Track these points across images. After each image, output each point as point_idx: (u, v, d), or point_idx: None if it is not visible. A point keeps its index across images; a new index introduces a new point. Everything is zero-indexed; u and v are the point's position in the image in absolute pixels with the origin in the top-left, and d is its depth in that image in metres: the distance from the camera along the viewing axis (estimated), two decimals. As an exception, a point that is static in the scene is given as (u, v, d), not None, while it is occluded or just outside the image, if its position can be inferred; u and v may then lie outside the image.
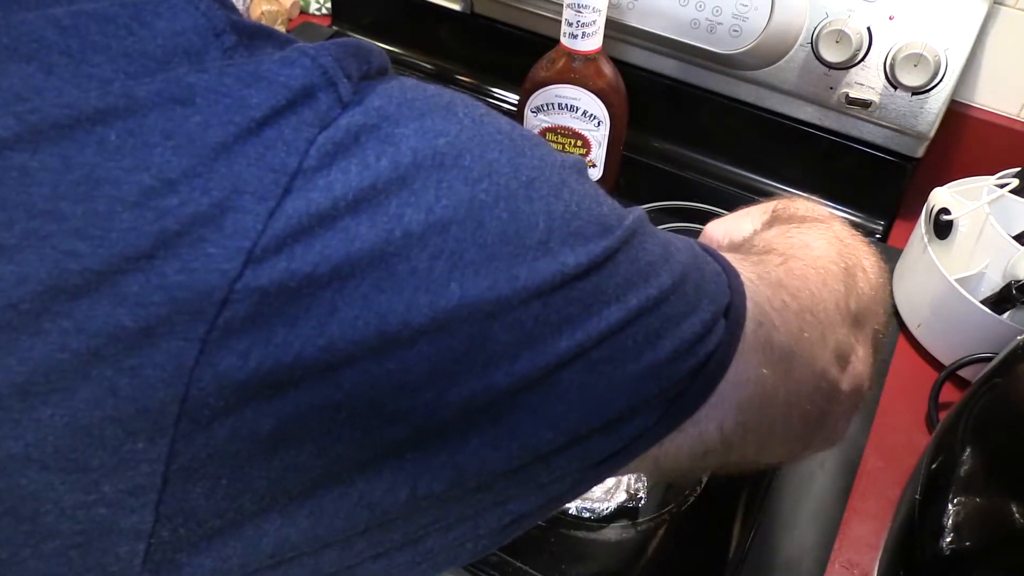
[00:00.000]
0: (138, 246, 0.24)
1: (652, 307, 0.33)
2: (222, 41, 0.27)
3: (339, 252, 0.26)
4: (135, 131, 0.25)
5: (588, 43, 0.79)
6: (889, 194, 0.92)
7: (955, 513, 0.55)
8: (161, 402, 0.25)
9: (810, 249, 0.46)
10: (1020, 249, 0.71)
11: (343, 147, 0.27)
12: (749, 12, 0.85)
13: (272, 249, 0.25)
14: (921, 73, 0.80)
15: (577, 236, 0.31)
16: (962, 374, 0.72)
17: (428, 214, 0.27)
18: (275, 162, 0.26)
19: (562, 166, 0.33)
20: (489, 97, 1.07)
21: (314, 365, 0.26)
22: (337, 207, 0.26)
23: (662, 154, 1.00)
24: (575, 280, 0.30)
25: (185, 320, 0.25)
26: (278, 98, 0.26)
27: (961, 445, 0.56)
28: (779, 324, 0.39)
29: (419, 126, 0.29)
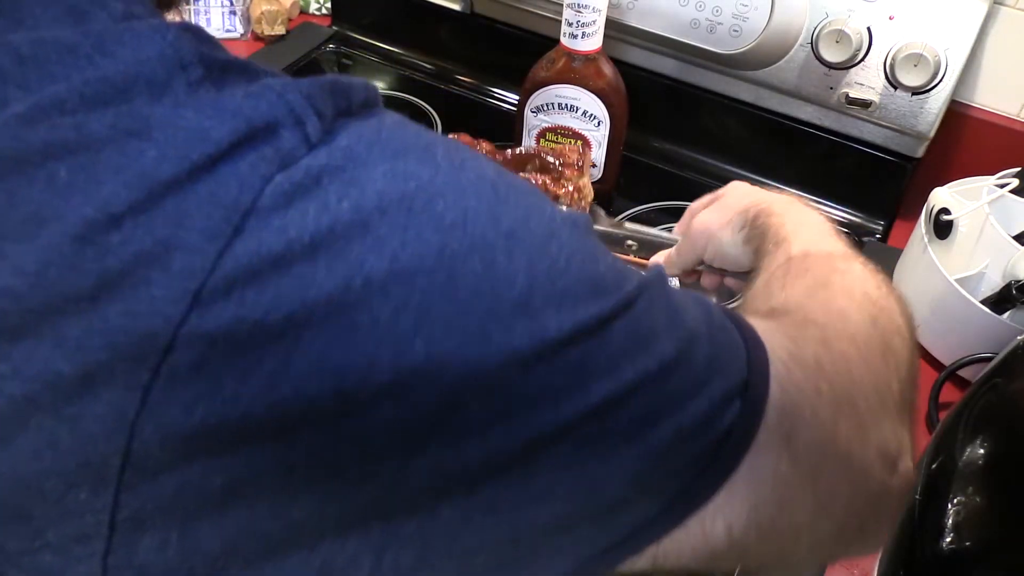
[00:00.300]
0: (79, 286, 0.23)
1: (651, 382, 0.29)
2: (188, 74, 0.26)
3: (293, 299, 0.24)
4: (86, 166, 0.24)
5: (588, 43, 0.79)
6: (889, 194, 0.92)
7: (955, 513, 0.55)
8: (103, 454, 0.24)
9: (847, 318, 0.41)
10: (1020, 249, 0.71)
11: (303, 188, 0.25)
12: (749, 12, 0.85)
13: (220, 292, 0.24)
14: (921, 73, 0.80)
15: (564, 297, 0.28)
16: (962, 374, 0.72)
17: (392, 262, 0.25)
18: (227, 199, 0.24)
19: (552, 219, 0.30)
20: (489, 97, 1.08)
21: (265, 422, 0.24)
22: (292, 250, 0.24)
23: (662, 154, 1.00)
24: (559, 347, 0.27)
25: (127, 367, 0.23)
26: (237, 133, 0.25)
27: (961, 445, 0.56)
28: (809, 415, 0.35)
29: (389, 168, 0.26)
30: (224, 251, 0.24)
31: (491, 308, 0.26)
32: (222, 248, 0.24)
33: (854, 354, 0.39)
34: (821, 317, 0.41)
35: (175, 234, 0.24)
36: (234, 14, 1.10)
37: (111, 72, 0.25)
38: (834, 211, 0.94)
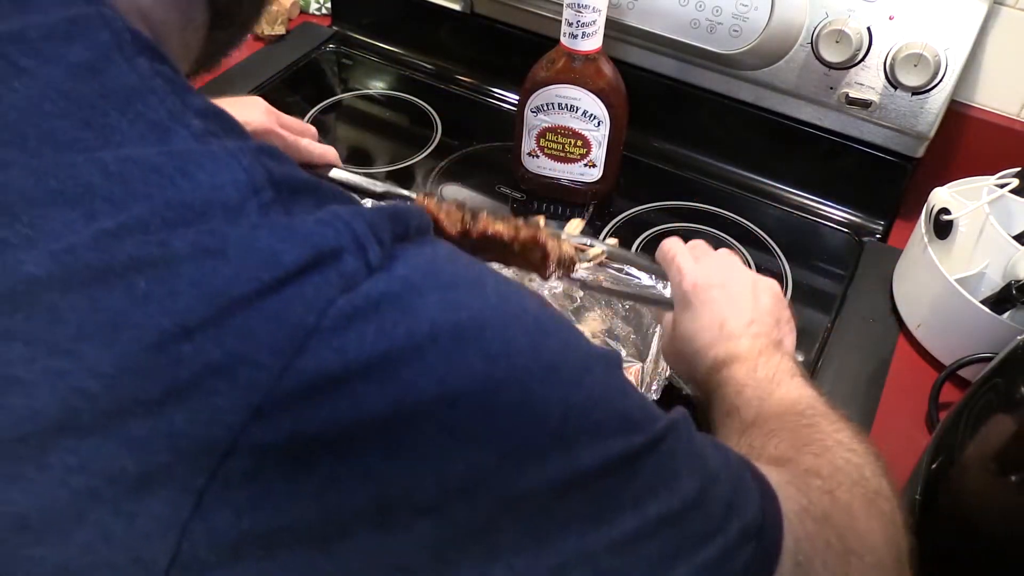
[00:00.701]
0: (150, 391, 0.24)
1: (674, 520, 0.31)
2: (260, 197, 0.27)
3: (347, 417, 0.26)
4: (165, 279, 0.25)
5: (588, 43, 0.79)
6: (889, 194, 0.92)
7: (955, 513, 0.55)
8: (153, 552, 0.25)
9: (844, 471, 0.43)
10: (1020, 249, 0.71)
11: (362, 312, 0.26)
12: (749, 12, 0.85)
13: (280, 406, 0.25)
14: (921, 73, 0.80)
15: (597, 430, 0.30)
16: (962, 374, 0.72)
17: (440, 386, 0.27)
18: (293, 319, 0.26)
19: (587, 354, 0.32)
20: (489, 97, 1.08)
21: (310, 531, 0.26)
22: (349, 370, 0.26)
23: (662, 154, 1.00)
24: (590, 478, 0.29)
25: (185, 470, 0.25)
26: (306, 258, 0.26)
27: (961, 445, 0.56)
28: (820, 567, 0.36)
29: (442, 297, 0.28)
30: (287, 368, 0.25)
31: (528, 437, 0.28)
32: (285, 365, 0.25)
33: (858, 508, 0.41)
34: (823, 469, 0.43)
35: (242, 348, 0.25)
36: (234, 14, 1.10)
37: (190, 196, 0.26)
38: (834, 211, 0.94)
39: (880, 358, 0.78)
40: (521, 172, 0.92)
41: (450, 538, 0.27)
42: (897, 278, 0.84)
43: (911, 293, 0.81)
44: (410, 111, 1.04)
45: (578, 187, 0.91)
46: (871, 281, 0.86)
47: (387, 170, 0.95)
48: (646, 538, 0.30)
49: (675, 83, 0.96)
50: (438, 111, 1.03)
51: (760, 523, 0.34)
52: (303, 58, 1.10)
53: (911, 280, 0.81)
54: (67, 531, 0.24)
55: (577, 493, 0.29)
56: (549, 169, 0.90)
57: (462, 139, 0.99)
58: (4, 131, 0.26)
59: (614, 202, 0.93)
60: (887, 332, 0.80)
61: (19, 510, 0.24)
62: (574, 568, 0.29)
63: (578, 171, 0.89)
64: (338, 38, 1.14)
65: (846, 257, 0.89)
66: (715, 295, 0.60)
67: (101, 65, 0.28)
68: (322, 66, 1.11)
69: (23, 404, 0.24)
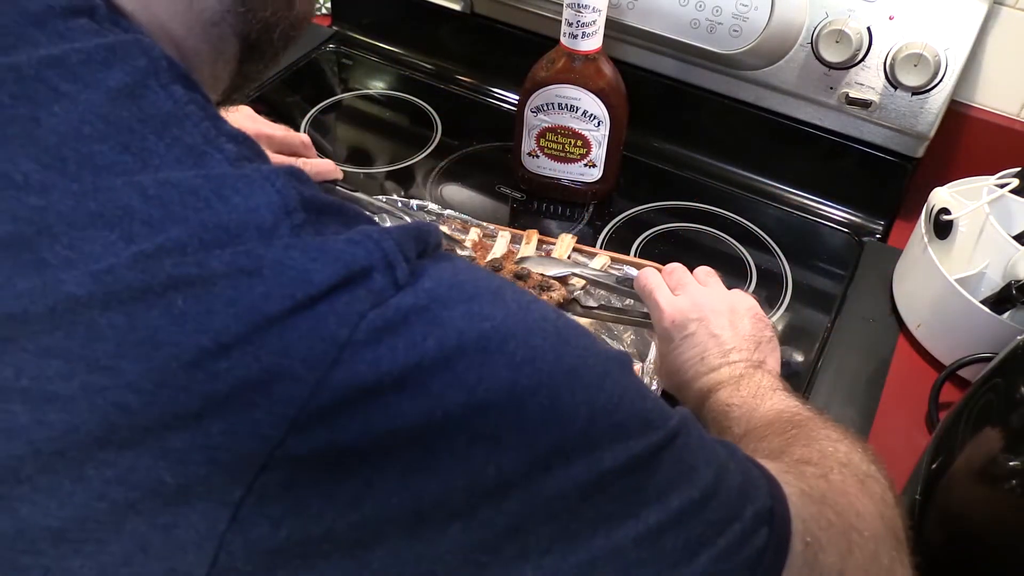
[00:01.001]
0: (188, 406, 0.25)
1: (695, 509, 0.32)
2: (292, 219, 0.28)
3: (381, 427, 0.26)
4: (202, 298, 0.26)
5: (588, 43, 0.79)
6: (889, 194, 0.92)
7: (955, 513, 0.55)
8: (190, 564, 0.25)
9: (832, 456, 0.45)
10: (1020, 249, 0.71)
11: (393, 325, 0.27)
12: (749, 12, 0.85)
13: (316, 418, 0.26)
14: (921, 73, 0.80)
15: (619, 430, 0.31)
16: (962, 374, 0.72)
17: (469, 396, 0.28)
18: (327, 333, 0.26)
19: (606, 358, 0.33)
20: (489, 97, 1.08)
21: (345, 539, 0.26)
22: (382, 383, 0.27)
23: (662, 154, 1.00)
24: (615, 477, 0.30)
25: (223, 482, 0.25)
26: (338, 276, 0.27)
27: (961, 445, 0.56)
28: (826, 544, 0.38)
29: (467, 309, 0.29)
30: (322, 381, 0.26)
31: (555, 440, 0.29)
32: (320, 378, 0.26)
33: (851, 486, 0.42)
34: (813, 457, 0.45)
35: (278, 363, 0.26)
36: (234, 14, 1.10)
37: (226, 218, 0.27)
38: (834, 211, 0.94)
39: (880, 358, 0.78)
40: (521, 172, 0.92)
41: (481, 542, 0.28)
42: (897, 278, 0.84)
43: (911, 293, 0.81)
44: (410, 111, 1.04)
45: (578, 187, 0.91)
46: (871, 281, 0.86)
47: (387, 170, 0.95)
48: (670, 529, 0.31)
49: (675, 83, 0.96)
50: (438, 111, 1.03)
51: (770, 507, 0.35)
52: (303, 58, 1.10)
53: (911, 280, 0.81)
54: (104, 543, 0.25)
55: (603, 492, 0.30)
56: (549, 169, 0.90)
57: (462, 139, 0.99)
58: (44, 154, 0.27)
59: (614, 202, 0.93)
60: (887, 332, 0.80)
61: (57, 523, 0.25)
62: (603, 564, 0.30)
63: (578, 171, 0.89)
64: (338, 38, 1.14)
65: (846, 257, 0.89)
66: (693, 329, 0.62)
67: (139, 91, 0.29)
68: (322, 66, 1.11)
69: (61, 419, 0.25)
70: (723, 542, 0.33)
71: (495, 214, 0.90)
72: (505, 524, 0.28)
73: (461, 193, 0.93)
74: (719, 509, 0.33)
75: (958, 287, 0.73)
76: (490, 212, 0.90)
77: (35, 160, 0.26)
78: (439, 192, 0.92)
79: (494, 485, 0.28)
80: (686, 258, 0.73)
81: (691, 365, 0.61)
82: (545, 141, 0.88)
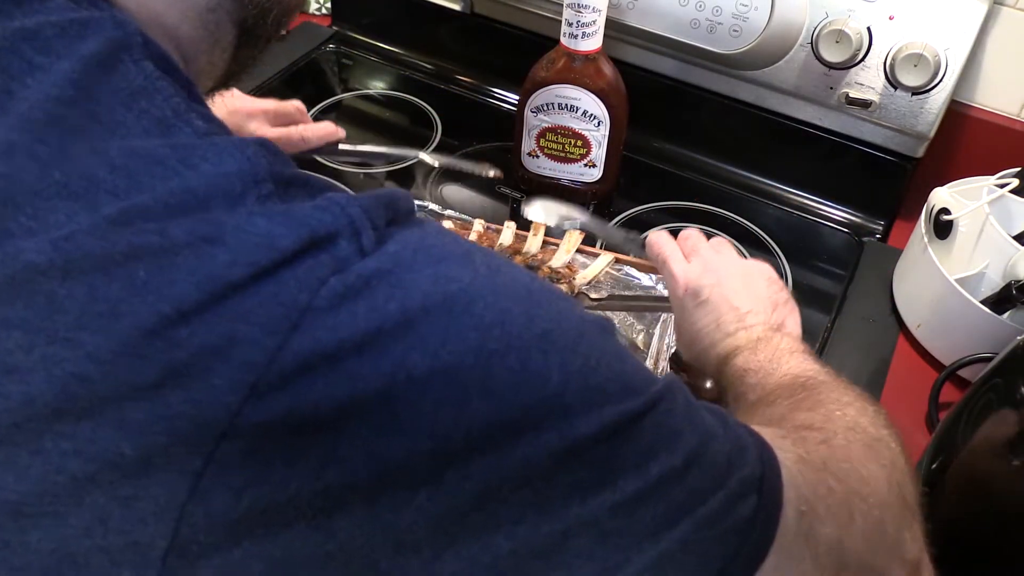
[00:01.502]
0: (147, 375, 0.25)
1: (676, 477, 0.31)
2: (260, 188, 0.28)
3: (342, 392, 0.26)
4: (164, 268, 0.25)
5: (588, 43, 0.79)
6: (889, 194, 0.92)
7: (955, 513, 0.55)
8: (151, 535, 0.25)
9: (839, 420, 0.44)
10: (1020, 249, 0.71)
11: (355, 290, 0.27)
12: (749, 12, 0.85)
13: (276, 384, 0.25)
14: (921, 73, 0.80)
15: (595, 395, 0.30)
16: (962, 374, 0.72)
17: (434, 359, 0.27)
18: (287, 298, 0.26)
19: (581, 320, 0.32)
20: (489, 97, 1.08)
21: (308, 508, 0.26)
22: (343, 348, 0.26)
23: (662, 154, 1.00)
24: (590, 443, 0.29)
25: (183, 452, 0.25)
26: (302, 241, 0.27)
27: (961, 445, 0.56)
28: (824, 513, 0.36)
29: (433, 272, 0.28)
30: (281, 346, 0.25)
31: (527, 403, 0.28)
32: (280, 344, 0.25)
33: (856, 451, 0.40)
34: (817, 421, 0.43)
35: (238, 330, 0.25)
36: (234, 14, 1.10)
37: (194, 184, 0.27)
38: (834, 211, 0.94)
39: (880, 358, 0.78)
40: (521, 172, 0.92)
41: (449, 510, 0.27)
42: (897, 278, 0.84)
43: (911, 293, 0.81)
44: (410, 111, 1.04)
45: (578, 187, 0.91)
46: (871, 281, 0.86)
47: (387, 170, 0.95)
48: (649, 498, 0.30)
49: (675, 83, 0.96)
50: (438, 111, 1.03)
51: (760, 474, 0.34)
52: (303, 58, 1.10)
53: (911, 280, 0.81)
54: (63, 516, 0.25)
55: (578, 459, 0.29)
56: (549, 169, 0.90)
57: (462, 139, 0.99)
58: (14, 118, 0.26)
59: (614, 202, 0.93)
60: (887, 332, 0.80)
61: (15, 496, 0.24)
62: (578, 533, 0.29)
63: (578, 171, 0.89)
64: (338, 38, 1.14)
65: (846, 257, 0.89)
66: (707, 295, 0.61)
67: (110, 63, 0.28)
68: (322, 66, 1.11)
69: (19, 391, 0.24)
70: (705, 510, 0.32)
71: (495, 214, 0.90)
72: (474, 491, 0.27)
73: (461, 193, 0.93)
74: (702, 477, 0.32)
75: (958, 287, 0.73)
76: (490, 212, 0.90)
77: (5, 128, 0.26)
78: (439, 192, 0.92)
79: (461, 450, 0.27)
80: (686, 258, 0.73)
81: (707, 332, 0.60)
82: (545, 141, 0.88)
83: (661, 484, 0.31)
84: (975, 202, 0.75)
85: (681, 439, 0.32)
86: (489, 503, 0.28)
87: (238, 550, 0.25)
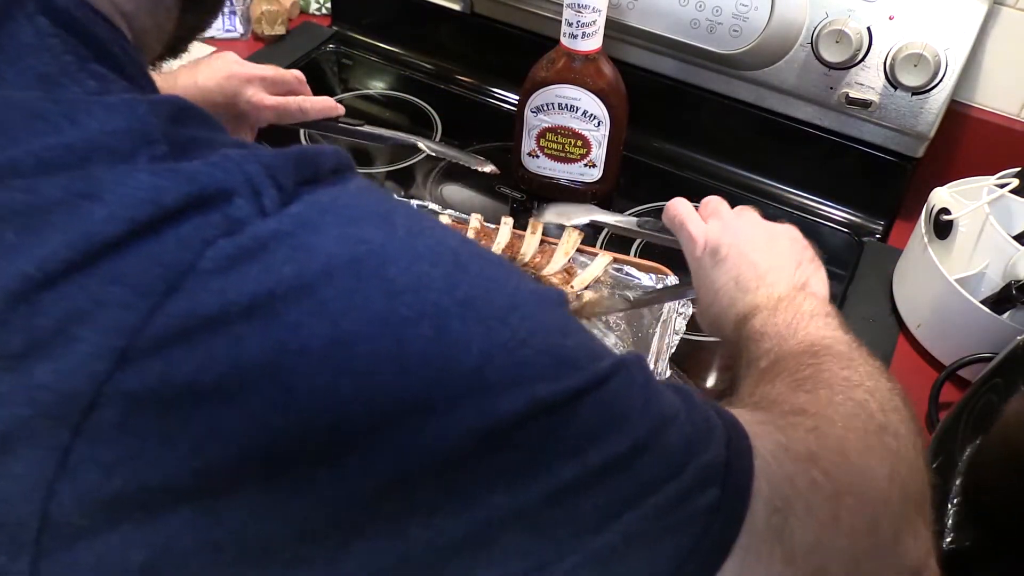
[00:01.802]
0: (9, 345, 0.23)
1: (619, 467, 0.28)
2: (153, 149, 0.25)
3: (225, 360, 0.23)
4: (35, 228, 0.23)
5: (588, 43, 0.79)
6: (889, 194, 0.92)
7: (955, 513, 0.55)
8: (20, 516, 0.23)
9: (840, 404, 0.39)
10: (1020, 249, 0.71)
11: (248, 252, 0.25)
12: (749, 12, 0.85)
13: (148, 350, 0.23)
14: (921, 73, 0.80)
15: (522, 370, 0.26)
16: (962, 374, 0.72)
17: (333, 327, 0.24)
18: (165, 259, 0.24)
19: (516, 290, 0.28)
20: (489, 97, 1.07)
21: (189, 489, 0.23)
22: (228, 312, 0.24)
23: (662, 154, 1.00)
24: (516, 424, 0.26)
25: (48, 426, 0.23)
26: (188, 197, 0.24)
27: (961, 445, 0.56)
28: (803, 511, 0.32)
29: (341, 233, 0.26)
30: (155, 309, 0.23)
31: (441, 377, 0.25)
32: (153, 306, 0.23)
33: (853, 441, 0.36)
34: (812, 406, 0.39)
35: (108, 292, 0.23)
36: (234, 14, 1.10)
37: (74, 139, 0.25)
38: (834, 211, 0.94)
39: (880, 358, 0.78)
40: (521, 172, 0.92)
41: (352, 494, 0.25)
42: (897, 278, 0.84)
43: (911, 293, 0.81)
44: (410, 111, 1.04)
45: (578, 187, 0.91)
46: (871, 281, 0.86)
47: (387, 170, 0.95)
48: (588, 487, 0.27)
49: (675, 83, 0.96)
50: (438, 111, 1.03)
51: (724, 463, 0.31)
52: (303, 58, 1.10)
53: (911, 280, 0.81)
54: None
55: (502, 442, 0.26)
56: (549, 169, 0.90)
57: (462, 139, 0.99)
58: None
59: (614, 202, 0.93)
60: (887, 332, 0.80)
61: None
62: (506, 525, 0.26)
63: (578, 171, 0.89)
64: (338, 38, 1.14)
65: (846, 257, 0.89)
66: (726, 252, 0.57)
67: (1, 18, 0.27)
68: (322, 66, 1.11)
69: None
70: (655, 500, 0.28)
71: (495, 214, 0.90)
72: (381, 475, 0.25)
73: (461, 193, 0.93)
74: (654, 464, 0.29)
75: (958, 287, 0.73)
76: (490, 212, 0.90)
77: None
78: (439, 192, 0.92)
79: (365, 429, 0.24)
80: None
81: (726, 291, 0.56)
82: (545, 141, 0.88)
83: (604, 472, 0.28)
84: (975, 202, 0.75)
85: (631, 423, 0.29)
86: (399, 489, 0.25)
87: (115, 534, 0.23)
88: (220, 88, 0.73)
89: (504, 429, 0.26)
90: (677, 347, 0.72)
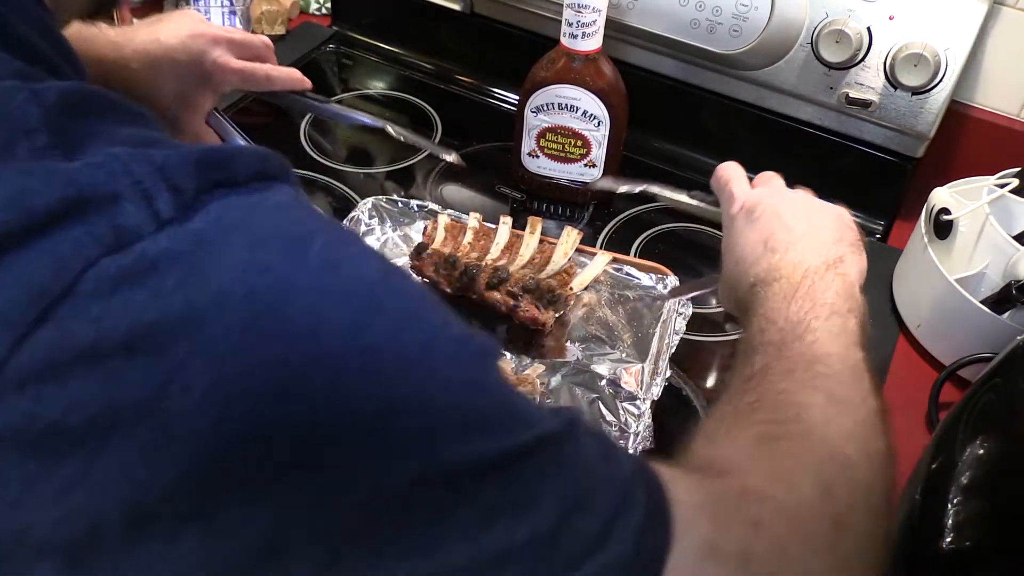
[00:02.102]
0: None
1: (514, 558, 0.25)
2: (32, 140, 0.23)
3: (98, 400, 0.21)
4: None
5: (588, 43, 0.79)
6: (889, 194, 0.92)
7: (955, 513, 0.55)
8: None
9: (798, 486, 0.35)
10: (1020, 249, 0.71)
11: (134, 274, 0.22)
12: (749, 12, 0.85)
13: (12, 385, 0.21)
14: (921, 73, 0.80)
15: (419, 435, 0.24)
16: (962, 374, 0.72)
17: (219, 368, 0.22)
18: (38, 281, 0.21)
19: (434, 337, 0.25)
20: (489, 97, 1.07)
21: (51, 542, 0.21)
22: (103, 345, 0.21)
23: (662, 154, 1.00)
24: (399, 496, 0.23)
25: None
26: (65, 202, 0.21)
27: (961, 445, 0.56)
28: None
29: (244, 258, 0.23)
30: (23, 340, 0.21)
31: (328, 438, 0.22)
32: (21, 337, 0.21)
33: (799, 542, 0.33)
34: (768, 483, 0.34)
35: None
36: (234, 14, 1.10)
37: None
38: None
39: (880, 358, 0.78)
40: (521, 172, 0.92)
41: (226, 556, 0.22)
42: (897, 278, 0.84)
43: (911, 293, 0.81)
44: (410, 111, 1.04)
45: (578, 187, 0.91)
46: (871, 281, 0.85)
47: (387, 170, 0.95)
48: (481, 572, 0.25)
49: (675, 83, 0.96)
50: (438, 111, 1.03)
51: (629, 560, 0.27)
52: (303, 58, 1.10)
53: (911, 280, 0.81)
54: None
55: (390, 512, 0.23)
56: (549, 169, 0.90)
57: (462, 139, 0.99)
58: None
59: (614, 202, 0.93)
60: (887, 332, 0.80)
61: None
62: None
63: (578, 171, 0.89)
64: (338, 38, 1.14)
65: (846, 257, 0.89)
66: (762, 212, 0.54)
67: None
68: (322, 66, 1.11)
69: None
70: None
71: (495, 214, 0.90)
72: (256, 534, 0.22)
73: (461, 193, 0.93)
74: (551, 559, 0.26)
75: (958, 287, 0.73)
76: (490, 212, 0.90)
77: None
78: (439, 192, 0.92)
79: (239, 487, 0.22)
80: (687, 258, 0.73)
81: (752, 249, 0.52)
82: (545, 141, 0.88)
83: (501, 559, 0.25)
84: (975, 202, 0.75)
85: (538, 507, 0.25)
86: (273, 554, 0.23)
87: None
88: (184, 46, 0.67)
89: (389, 497, 0.23)
90: (677, 347, 0.72)
